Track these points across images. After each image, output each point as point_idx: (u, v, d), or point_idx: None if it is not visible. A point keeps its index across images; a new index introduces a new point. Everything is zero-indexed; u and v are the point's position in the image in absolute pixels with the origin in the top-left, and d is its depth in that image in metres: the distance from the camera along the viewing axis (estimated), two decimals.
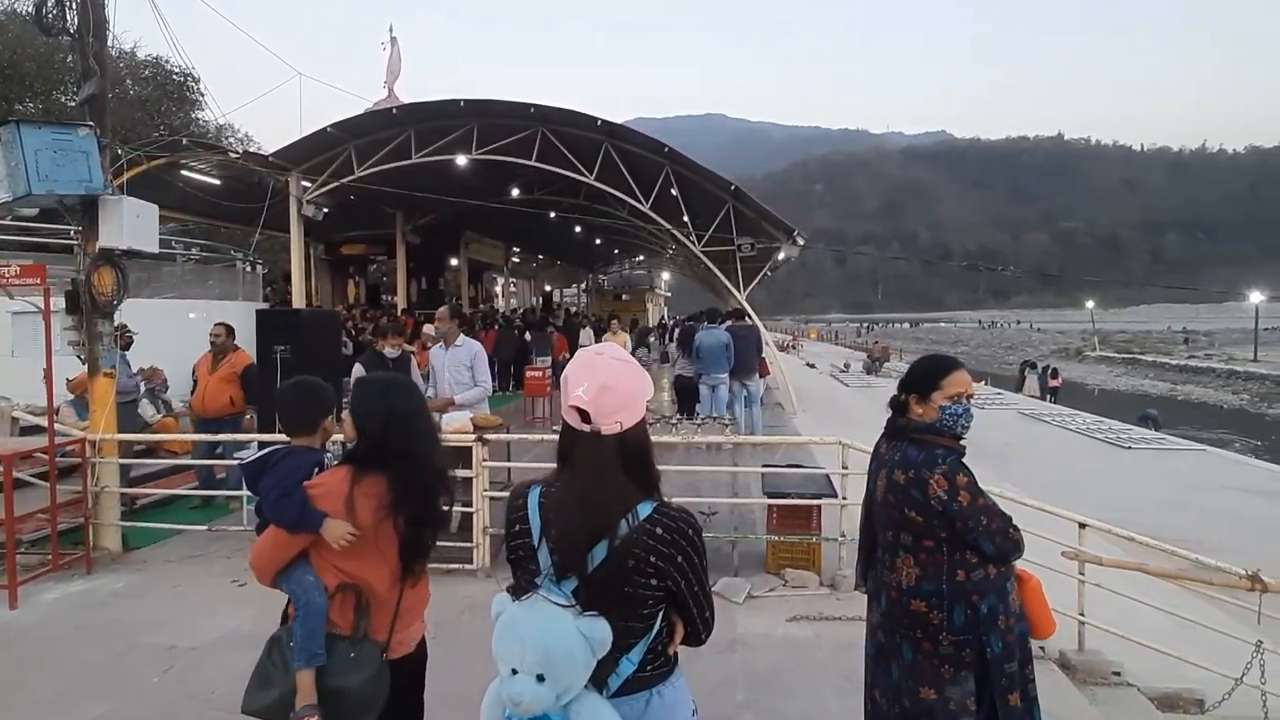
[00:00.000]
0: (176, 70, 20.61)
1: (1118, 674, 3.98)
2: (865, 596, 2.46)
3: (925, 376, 2.29)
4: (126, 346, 7.41)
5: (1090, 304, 69.87)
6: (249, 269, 12.91)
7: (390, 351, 5.65)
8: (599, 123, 12.17)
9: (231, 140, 21.89)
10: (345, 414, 2.14)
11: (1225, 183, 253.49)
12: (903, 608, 2.18)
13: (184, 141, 11.84)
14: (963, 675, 2.14)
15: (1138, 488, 10.00)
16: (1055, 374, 26.35)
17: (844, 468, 4.73)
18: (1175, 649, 3.98)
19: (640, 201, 12.66)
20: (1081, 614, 4.06)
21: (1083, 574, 4.00)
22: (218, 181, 12.46)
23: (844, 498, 4.73)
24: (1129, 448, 13.06)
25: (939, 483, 2.11)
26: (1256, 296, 45.44)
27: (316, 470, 2.12)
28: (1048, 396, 24.06)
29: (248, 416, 6.74)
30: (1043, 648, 4.00)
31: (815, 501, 4.89)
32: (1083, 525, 4.11)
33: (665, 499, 1.54)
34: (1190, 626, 4.12)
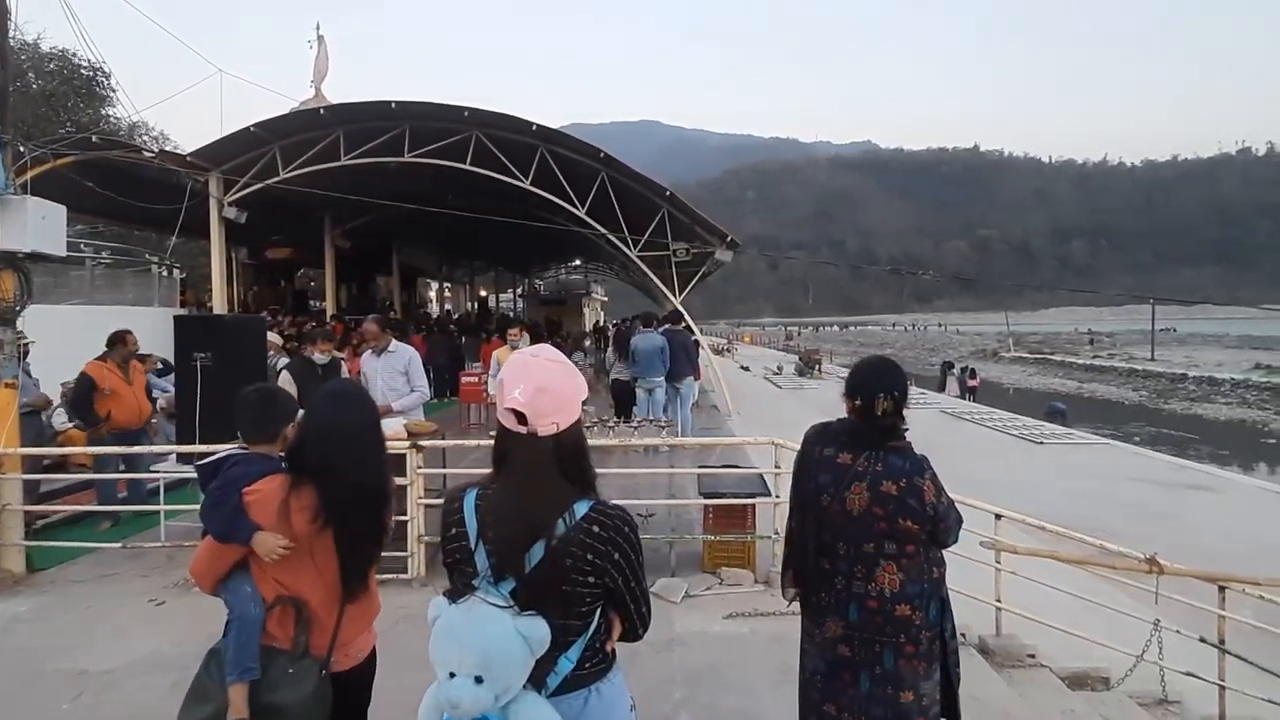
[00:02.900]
0: (85, 64, 19.43)
1: (1032, 656, 4.21)
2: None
3: (904, 385, 2.27)
4: (23, 355, 7.02)
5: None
6: (165, 273, 12.29)
7: (320, 358, 5.50)
8: (534, 127, 12.09)
9: (146, 139, 20.75)
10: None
11: (1125, 194, 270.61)
12: (886, 615, 2.15)
13: (93, 139, 11.15)
14: (934, 668, 2.19)
15: (1049, 480, 10.58)
16: (974, 374, 27.56)
17: (777, 467, 4.85)
18: (1083, 630, 4.25)
19: (576, 207, 12.65)
20: (998, 600, 4.28)
21: (999, 562, 4.22)
22: (130, 182, 11.81)
23: (777, 496, 4.85)
24: (1041, 443, 13.81)
25: (929, 489, 2.14)
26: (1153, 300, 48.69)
27: None
28: (967, 396, 25.16)
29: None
30: (963, 635, 4.20)
31: (750, 500, 5.00)
32: (998, 516, 4.33)
33: (601, 498, 1.56)
34: (1096, 609, 4.40)
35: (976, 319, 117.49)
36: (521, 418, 1.48)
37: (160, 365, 9.59)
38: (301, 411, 2.10)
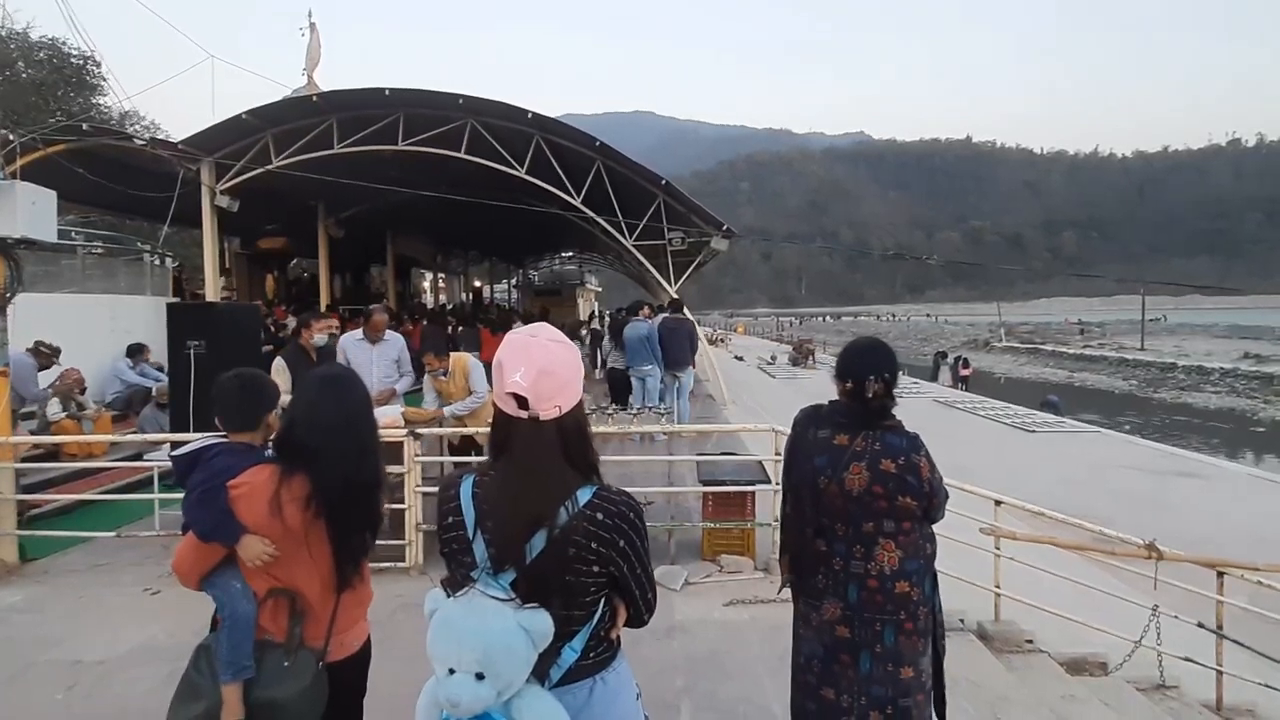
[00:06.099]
0: (75, 52, 19.21)
1: (1030, 642, 4.23)
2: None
3: (895, 366, 2.30)
4: (46, 366, 7.24)
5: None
6: (158, 262, 12.18)
7: (318, 339, 5.45)
8: (529, 115, 11.97)
9: (137, 127, 20.51)
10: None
11: (1116, 185, 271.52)
12: (886, 593, 2.17)
13: (84, 127, 10.99)
14: (928, 644, 2.23)
15: (1042, 468, 10.63)
16: (966, 364, 27.54)
17: (776, 454, 4.83)
18: (1081, 616, 4.26)
19: (572, 196, 12.56)
20: (997, 586, 4.28)
21: (998, 548, 4.22)
22: (121, 170, 11.65)
23: (777, 483, 4.83)
24: (1034, 431, 13.87)
25: (925, 465, 2.18)
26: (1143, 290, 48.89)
27: None
28: (959, 385, 25.21)
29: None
30: (962, 620, 4.22)
31: (749, 488, 4.98)
32: (998, 502, 4.33)
33: (604, 483, 1.51)
34: (1095, 595, 4.42)
35: (969, 309, 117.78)
36: (522, 402, 1.41)
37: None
38: (289, 398, 2.03)
